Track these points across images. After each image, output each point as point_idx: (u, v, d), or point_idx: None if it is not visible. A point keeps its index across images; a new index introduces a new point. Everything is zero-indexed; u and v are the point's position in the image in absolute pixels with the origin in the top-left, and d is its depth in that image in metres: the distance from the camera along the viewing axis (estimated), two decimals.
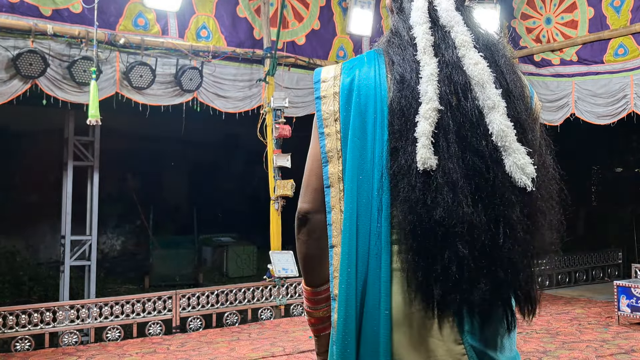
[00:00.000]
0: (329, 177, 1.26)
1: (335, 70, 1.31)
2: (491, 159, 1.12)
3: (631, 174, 11.61)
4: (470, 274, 1.09)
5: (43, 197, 9.70)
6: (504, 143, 1.12)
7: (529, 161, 1.12)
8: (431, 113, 1.14)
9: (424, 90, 1.15)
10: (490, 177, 1.11)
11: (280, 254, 6.52)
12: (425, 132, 1.13)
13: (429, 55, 1.19)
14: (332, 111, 1.27)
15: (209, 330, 5.96)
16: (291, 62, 7.01)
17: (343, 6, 7.39)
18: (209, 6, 6.53)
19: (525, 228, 1.11)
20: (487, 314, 1.12)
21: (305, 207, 1.30)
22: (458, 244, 1.08)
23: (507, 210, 1.10)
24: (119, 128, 9.45)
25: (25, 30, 5.41)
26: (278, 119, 6.51)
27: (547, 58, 7.51)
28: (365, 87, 1.24)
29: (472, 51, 1.19)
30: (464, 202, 1.09)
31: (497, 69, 1.19)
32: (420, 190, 1.11)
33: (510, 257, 1.10)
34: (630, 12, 6.63)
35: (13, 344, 5.21)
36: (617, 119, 6.94)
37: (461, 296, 1.10)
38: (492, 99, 1.14)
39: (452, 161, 1.11)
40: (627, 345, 5.00)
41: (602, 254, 9.09)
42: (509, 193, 1.11)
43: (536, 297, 1.17)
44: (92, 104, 5.13)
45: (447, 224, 1.09)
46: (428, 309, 1.12)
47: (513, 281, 1.11)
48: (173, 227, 11.88)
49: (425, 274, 1.11)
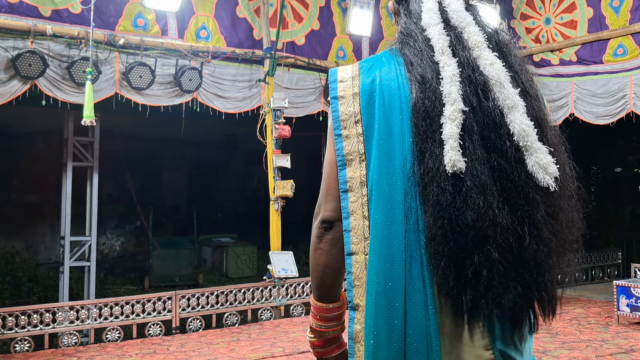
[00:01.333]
0: (347, 181, 1.21)
1: (353, 70, 1.27)
2: (514, 159, 1.11)
3: (631, 174, 11.61)
4: (500, 278, 1.07)
5: (42, 197, 9.70)
6: (525, 143, 1.11)
7: (551, 160, 1.11)
8: (457, 114, 1.12)
9: (447, 92, 1.13)
10: (514, 178, 1.10)
11: (280, 254, 6.52)
12: (453, 134, 1.11)
13: (448, 55, 1.17)
14: (352, 112, 1.23)
15: (209, 331, 5.95)
16: (291, 62, 7.01)
17: (343, 6, 7.39)
18: (209, 6, 6.53)
19: (550, 228, 1.10)
20: (516, 317, 1.10)
21: (331, 215, 1.23)
22: (489, 248, 1.06)
23: (532, 210, 1.09)
24: (118, 128, 9.46)
25: (24, 31, 5.41)
26: (278, 120, 6.51)
27: (547, 58, 7.52)
28: (388, 87, 1.21)
29: (487, 51, 1.18)
30: (494, 204, 1.07)
31: (511, 69, 1.19)
32: (450, 194, 1.09)
33: (536, 258, 1.09)
34: (629, 12, 6.63)
35: (12, 345, 5.20)
36: (616, 119, 6.95)
37: (492, 301, 1.07)
38: (512, 99, 1.13)
39: (479, 163, 1.10)
40: (626, 344, 5.00)
41: (602, 254, 9.09)
42: (533, 193, 1.10)
43: (558, 298, 1.16)
44: (87, 104, 5.12)
45: (479, 227, 1.07)
46: (458, 315, 1.10)
47: (539, 282, 1.10)
48: (173, 227, 11.88)
49: (456, 279, 1.08)
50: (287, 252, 6.53)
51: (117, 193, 11.12)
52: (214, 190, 12.59)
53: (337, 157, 1.22)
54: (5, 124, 9.19)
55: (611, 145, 11.14)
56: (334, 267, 1.24)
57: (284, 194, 6.42)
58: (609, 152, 11.49)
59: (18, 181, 9.92)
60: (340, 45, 7.45)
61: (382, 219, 1.16)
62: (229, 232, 11.58)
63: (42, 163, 9.12)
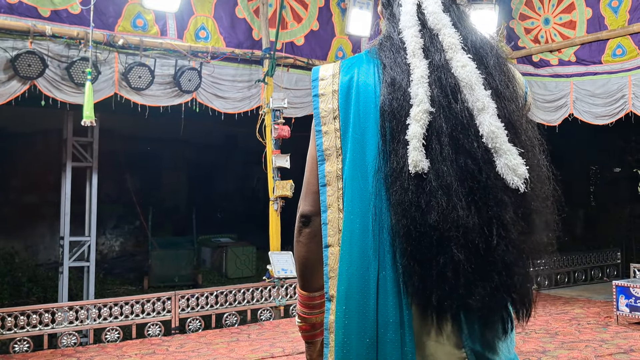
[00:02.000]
0: (325, 176, 1.25)
1: (334, 68, 1.31)
2: (483, 160, 1.11)
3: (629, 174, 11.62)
4: (466, 279, 1.08)
5: (42, 198, 9.70)
6: (494, 144, 1.11)
7: (521, 162, 1.11)
8: (422, 115, 1.13)
9: (415, 93, 1.15)
10: (482, 179, 1.10)
11: (279, 254, 6.52)
12: (417, 135, 1.12)
13: (419, 57, 1.19)
14: (330, 109, 1.27)
15: (208, 331, 5.95)
16: (290, 62, 7.01)
17: (342, 7, 7.40)
18: (208, 7, 6.53)
19: (519, 229, 1.10)
20: (485, 317, 1.11)
21: (308, 210, 1.29)
22: (453, 249, 1.07)
23: (500, 211, 1.09)
24: (117, 129, 9.46)
25: (23, 31, 5.41)
26: (277, 120, 6.51)
27: (546, 58, 7.52)
28: (364, 86, 1.24)
29: (460, 53, 1.18)
30: (458, 205, 1.08)
31: (486, 71, 1.18)
32: (413, 194, 1.10)
33: (505, 260, 1.08)
34: (628, 12, 6.64)
35: (12, 345, 5.20)
36: (615, 119, 6.96)
37: (458, 301, 1.09)
38: (482, 101, 1.13)
39: (445, 164, 1.10)
40: (626, 344, 5.00)
41: (601, 254, 9.10)
42: (501, 194, 1.09)
43: (532, 299, 1.16)
44: (86, 105, 5.13)
45: (442, 228, 1.07)
46: (426, 314, 1.11)
47: (508, 284, 1.10)
48: (172, 227, 11.88)
49: (422, 279, 1.10)
50: (286, 253, 6.53)
51: (117, 193, 11.12)
52: (213, 191, 12.60)
53: (317, 152, 1.26)
54: (4, 124, 9.19)
55: (610, 145, 11.15)
56: (313, 259, 1.29)
57: (283, 194, 6.42)
58: (608, 152, 11.51)
59: (17, 181, 9.92)
60: (339, 45, 7.45)
61: (355, 211, 1.19)
62: (229, 232, 11.58)
63: (42, 163, 9.12)
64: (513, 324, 1.15)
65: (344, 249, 1.19)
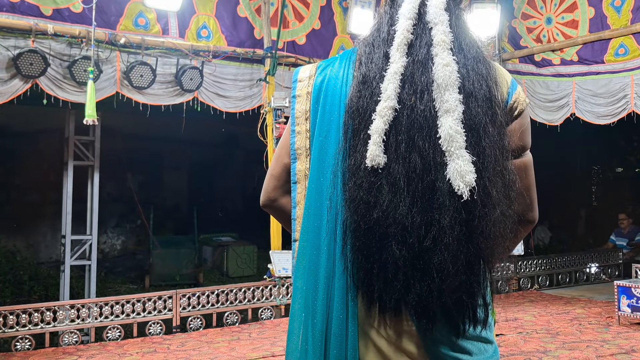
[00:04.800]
0: (296, 174, 1.30)
1: (311, 70, 1.35)
2: (434, 162, 1.11)
3: (631, 174, 11.61)
4: (404, 275, 1.10)
5: (43, 196, 9.71)
6: (449, 148, 1.10)
7: (471, 169, 1.09)
8: (387, 111, 1.13)
9: (385, 88, 1.15)
10: (429, 181, 1.10)
11: (280, 253, 6.53)
12: (379, 130, 1.12)
13: (401, 53, 1.18)
14: (303, 110, 1.32)
15: (209, 330, 5.96)
16: (292, 61, 7.01)
17: (344, 6, 7.39)
18: (210, 6, 6.53)
19: (458, 235, 1.09)
20: (426, 316, 1.12)
21: (262, 201, 1.40)
22: (393, 245, 1.09)
23: (440, 214, 1.09)
24: (119, 128, 9.47)
25: (25, 30, 5.41)
26: (278, 119, 6.51)
27: (548, 58, 7.51)
28: (332, 87, 1.27)
29: (446, 52, 1.17)
30: (401, 203, 1.09)
31: (465, 72, 1.17)
32: (364, 190, 1.12)
33: (439, 262, 1.08)
34: (630, 12, 6.62)
35: (13, 343, 5.21)
36: (617, 119, 6.94)
37: (397, 296, 1.11)
38: (450, 103, 1.12)
39: (397, 162, 1.11)
40: (627, 345, 4.99)
41: (603, 254, 9.08)
42: (444, 198, 1.09)
43: (481, 304, 1.14)
44: (88, 103, 5.14)
45: (384, 224, 1.09)
46: (371, 308, 1.15)
47: (441, 287, 1.10)
48: (173, 226, 11.89)
49: (366, 273, 1.13)
50: (287, 252, 6.53)
51: (118, 192, 11.13)
52: (214, 190, 12.61)
53: (290, 150, 1.32)
54: (6, 123, 9.19)
55: (612, 145, 11.13)
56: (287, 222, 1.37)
57: None
58: (609, 152, 11.49)
59: (19, 180, 9.94)
60: (341, 44, 7.45)
61: (314, 209, 1.23)
62: (230, 231, 11.58)
63: (43, 162, 9.13)
64: (465, 327, 1.14)
65: (300, 243, 1.26)
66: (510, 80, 1.30)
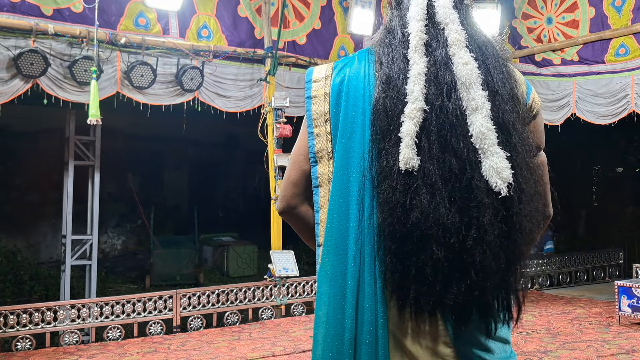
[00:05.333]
0: (318, 177, 1.27)
1: (327, 70, 1.32)
2: (469, 161, 1.11)
3: (632, 174, 11.60)
4: (443, 276, 1.09)
5: (44, 196, 9.71)
6: (482, 145, 1.10)
7: (507, 165, 1.10)
8: (416, 113, 1.13)
9: (410, 90, 1.14)
10: (466, 180, 1.10)
11: (280, 253, 6.52)
12: (410, 132, 1.12)
13: (420, 54, 1.18)
14: (322, 112, 1.28)
15: (210, 330, 5.96)
16: (292, 61, 7.01)
17: (344, 6, 7.39)
18: (210, 6, 6.53)
19: (498, 232, 1.09)
20: (461, 316, 1.11)
21: (280, 206, 1.35)
22: (433, 247, 1.08)
23: (480, 213, 1.08)
24: (119, 128, 9.47)
25: (26, 30, 5.41)
26: (279, 119, 6.51)
27: (548, 58, 7.51)
28: (354, 87, 1.25)
29: (463, 50, 1.17)
30: (440, 204, 1.08)
31: (486, 69, 1.17)
32: (400, 193, 1.11)
33: (481, 261, 1.08)
34: (631, 12, 6.62)
35: (14, 343, 5.21)
36: (617, 119, 6.94)
37: (435, 299, 1.09)
38: (477, 100, 1.12)
39: (432, 162, 1.11)
40: (628, 345, 4.99)
41: (603, 254, 9.08)
42: (482, 196, 1.09)
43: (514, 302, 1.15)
44: (92, 103, 5.14)
45: (423, 226, 1.08)
46: (404, 311, 1.13)
47: (483, 285, 1.09)
48: (174, 226, 11.89)
49: (402, 276, 1.11)
50: (287, 252, 6.53)
51: (119, 192, 11.13)
52: (215, 190, 12.60)
53: (310, 153, 1.29)
54: (6, 122, 9.17)
55: (612, 145, 11.12)
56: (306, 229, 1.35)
57: None
58: (610, 152, 11.48)
59: (19, 180, 9.93)
60: (341, 44, 7.45)
61: (338, 213, 1.21)
62: (230, 231, 11.58)
63: (44, 162, 9.13)
64: (497, 326, 1.15)
65: (325, 249, 1.23)
66: (525, 80, 1.31)
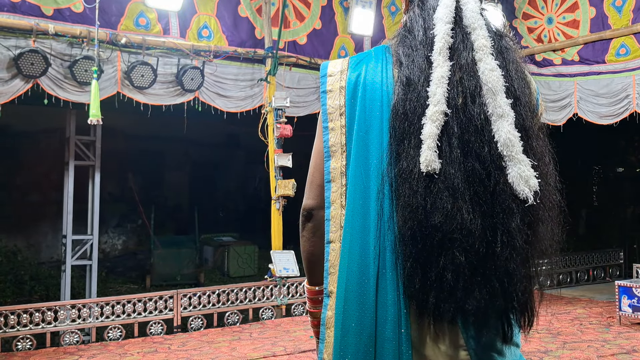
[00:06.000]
0: (330, 172, 1.25)
1: (342, 64, 1.30)
2: (493, 166, 1.10)
3: (633, 174, 11.59)
4: (465, 282, 1.07)
5: (44, 196, 9.71)
6: (510, 153, 1.10)
7: (533, 174, 1.10)
8: (438, 116, 1.12)
9: (433, 92, 1.14)
10: (490, 185, 1.09)
11: (281, 253, 6.52)
12: (432, 135, 1.11)
13: (444, 57, 1.17)
14: (337, 105, 1.26)
15: (210, 330, 5.96)
16: (292, 61, 7.01)
17: (344, 6, 7.39)
18: (211, 6, 6.53)
19: (525, 238, 1.09)
20: (482, 322, 1.10)
21: (310, 204, 1.29)
22: (455, 251, 1.07)
23: (506, 218, 1.08)
24: (120, 128, 9.47)
25: (26, 30, 5.41)
26: (279, 119, 6.51)
27: (549, 58, 7.50)
28: (371, 83, 1.23)
29: (490, 57, 1.17)
30: (463, 208, 1.07)
31: (508, 76, 1.17)
32: (421, 196, 1.09)
33: (507, 267, 1.08)
34: (632, 12, 6.61)
35: (14, 343, 5.21)
36: (619, 119, 6.93)
37: (455, 304, 1.08)
38: (503, 108, 1.12)
39: (453, 166, 1.10)
40: (628, 345, 4.99)
41: (604, 254, 9.08)
42: (509, 202, 1.09)
43: (533, 306, 1.15)
44: (93, 103, 5.14)
45: (445, 230, 1.07)
46: (424, 316, 1.11)
47: (509, 291, 1.09)
48: (174, 226, 11.89)
49: (422, 281, 1.09)
50: (288, 252, 6.53)
51: (119, 192, 11.14)
52: (215, 190, 12.60)
53: (324, 148, 1.26)
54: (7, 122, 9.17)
55: (613, 145, 11.12)
56: (316, 254, 1.29)
57: (285, 194, 6.42)
58: (610, 152, 11.48)
59: (20, 180, 9.94)
60: (342, 44, 7.45)
61: (357, 209, 1.18)
62: (231, 231, 11.59)
63: (44, 162, 9.14)
64: (513, 332, 1.14)
65: (344, 246, 1.19)
66: (536, 86, 1.31)
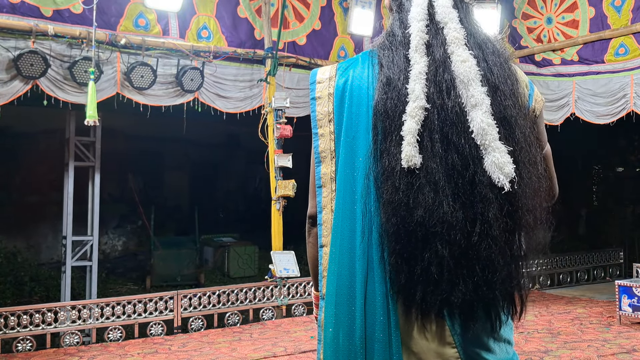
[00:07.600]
0: (321, 177, 1.28)
1: (331, 71, 1.33)
2: (471, 157, 1.11)
3: (633, 174, 11.60)
4: (449, 275, 1.08)
5: (44, 197, 9.71)
6: (483, 141, 1.11)
7: (508, 160, 1.10)
8: (418, 111, 1.13)
9: (412, 89, 1.15)
10: (469, 176, 1.10)
11: (281, 254, 6.52)
12: (412, 130, 1.12)
13: (420, 53, 1.19)
14: (326, 112, 1.28)
15: (211, 331, 5.96)
16: (292, 62, 7.01)
17: (344, 6, 7.39)
18: (210, 6, 6.53)
19: (503, 227, 1.10)
20: (468, 314, 1.11)
21: (314, 211, 1.31)
22: (438, 245, 1.08)
23: (484, 208, 1.09)
24: (120, 128, 9.48)
25: (26, 31, 5.42)
26: (279, 119, 6.51)
27: (548, 58, 7.51)
28: (357, 88, 1.25)
29: (462, 48, 1.18)
30: (444, 201, 1.08)
31: (486, 66, 1.18)
32: (403, 192, 1.10)
33: (487, 256, 1.08)
34: (631, 11, 6.62)
35: (15, 344, 5.21)
36: (616, 118, 6.94)
37: (441, 297, 1.09)
38: (476, 97, 1.13)
39: (434, 160, 1.11)
40: (628, 344, 4.99)
41: (604, 254, 9.08)
42: (486, 191, 1.09)
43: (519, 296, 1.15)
44: (90, 104, 5.14)
45: (428, 224, 1.08)
46: (410, 312, 1.12)
47: (491, 280, 1.09)
48: (174, 227, 11.89)
49: (408, 276, 1.10)
50: (288, 252, 6.53)
51: (119, 193, 11.14)
52: (215, 190, 12.61)
53: (315, 154, 1.29)
54: (6, 124, 9.17)
55: (612, 144, 11.13)
56: None
57: (285, 194, 6.42)
58: (610, 152, 11.48)
59: (20, 181, 9.94)
60: (341, 45, 7.45)
61: (344, 213, 1.20)
62: (231, 231, 11.59)
63: (44, 163, 9.14)
64: (502, 323, 1.15)
65: (333, 249, 1.21)
66: (528, 80, 1.31)
